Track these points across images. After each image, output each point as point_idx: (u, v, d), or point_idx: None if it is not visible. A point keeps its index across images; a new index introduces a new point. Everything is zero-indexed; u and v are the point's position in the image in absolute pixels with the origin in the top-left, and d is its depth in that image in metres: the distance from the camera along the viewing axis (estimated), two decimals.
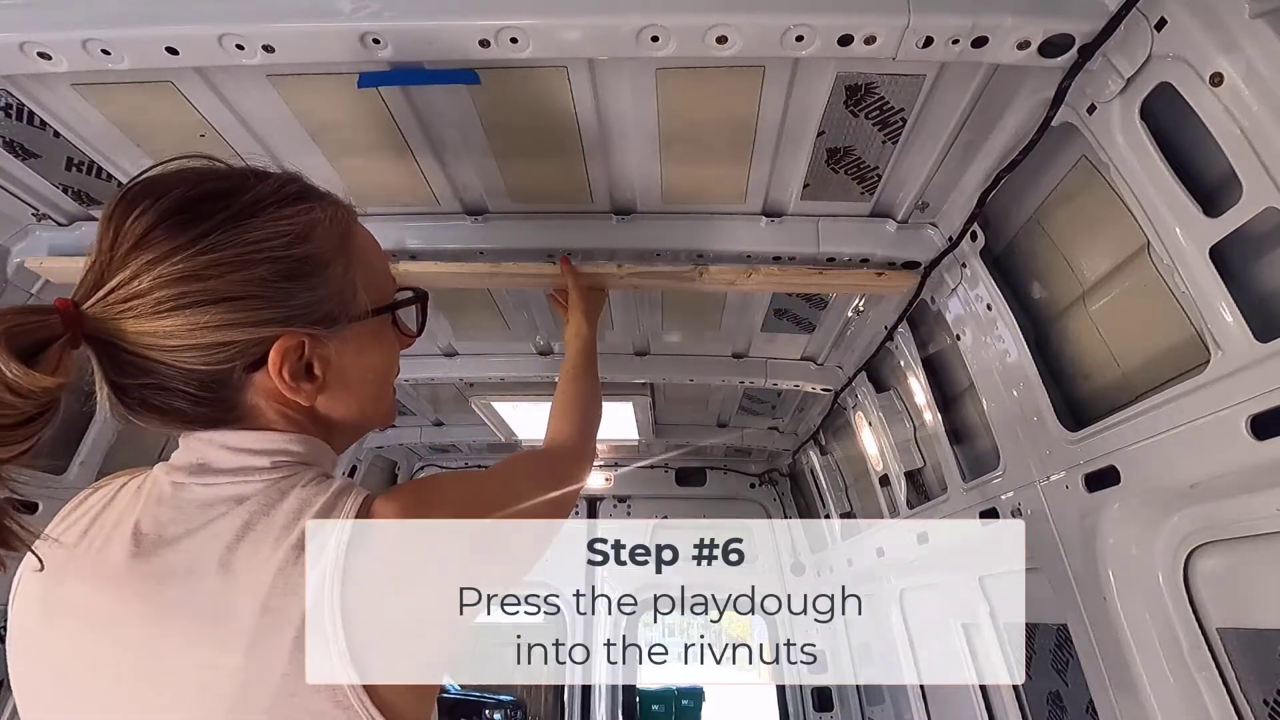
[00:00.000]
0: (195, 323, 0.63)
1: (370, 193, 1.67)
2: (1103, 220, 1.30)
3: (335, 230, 0.75)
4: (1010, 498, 1.69)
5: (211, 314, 0.64)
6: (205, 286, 0.63)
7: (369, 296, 0.78)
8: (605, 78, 1.29)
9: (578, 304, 1.61)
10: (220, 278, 0.64)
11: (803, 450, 3.55)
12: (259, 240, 0.66)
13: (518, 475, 0.93)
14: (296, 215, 0.71)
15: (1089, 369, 1.49)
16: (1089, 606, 1.42)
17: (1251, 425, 0.98)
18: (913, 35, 1.07)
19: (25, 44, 1.11)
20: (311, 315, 0.70)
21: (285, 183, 0.73)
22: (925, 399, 2.12)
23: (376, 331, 0.80)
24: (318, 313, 0.71)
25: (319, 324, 0.71)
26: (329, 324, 0.72)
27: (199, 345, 0.64)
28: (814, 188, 1.61)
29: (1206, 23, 0.94)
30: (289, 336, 0.68)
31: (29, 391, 0.56)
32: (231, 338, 0.65)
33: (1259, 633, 1.16)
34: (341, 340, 0.74)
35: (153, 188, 0.66)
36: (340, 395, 0.75)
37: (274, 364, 0.68)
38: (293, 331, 0.69)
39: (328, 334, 0.72)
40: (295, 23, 1.11)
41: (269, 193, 0.70)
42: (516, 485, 0.87)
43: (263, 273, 0.66)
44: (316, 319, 0.71)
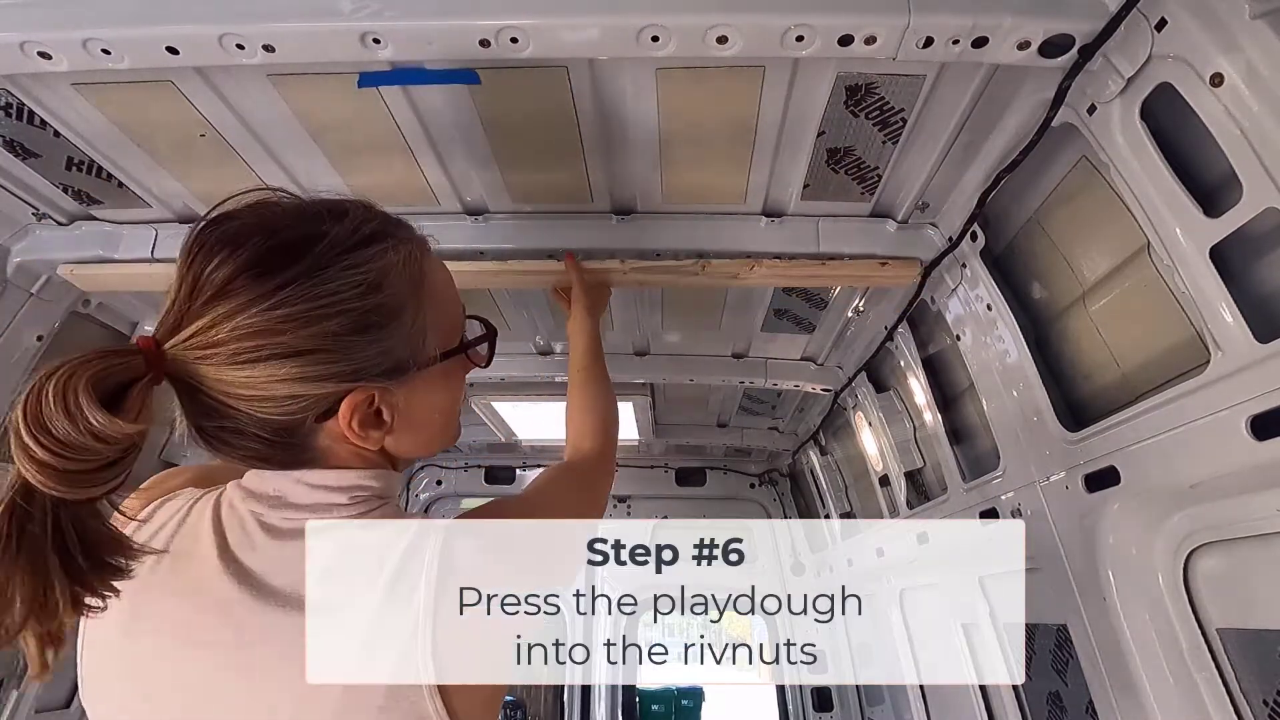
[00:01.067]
0: (269, 375, 0.65)
1: (370, 193, 1.65)
2: (1103, 220, 1.30)
3: (408, 273, 0.75)
4: (1010, 498, 1.69)
5: (285, 368, 0.65)
6: (279, 341, 0.64)
7: (439, 338, 0.78)
8: (605, 78, 1.29)
9: (581, 298, 1.61)
10: (293, 333, 0.65)
11: (803, 450, 3.55)
12: (333, 293, 0.67)
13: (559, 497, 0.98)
14: (371, 261, 0.71)
15: (1089, 369, 1.48)
16: (1089, 606, 1.42)
17: (1251, 425, 0.98)
18: (913, 35, 1.07)
19: (25, 44, 1.11)
20: (381, 366, 0.71)
21: (360, 223, 0.73)
22: (925, 399, 2.12)
23: (445, 371, 0.80)
24: (387, 363, 0.72)
25: (388, 375, 0.72)
26: (399, 374, 0.73)
27: (272, 397, 0.66)
28: (814, 188, 1.61)
29: (1207, 23, 0.94)
30: (360, 391, 0.70)
31: (112, 438, 0.57)
32: (303, 391, 0.67)
33: (1259, 633, 1.16)
34: (410, 388, 0.75)
35: (231, 237, 0.66)
36: (408, 434, 0.77)
37: (344, 417, 0.70)
38: (363, 386, 0.70)
39: (397, 384, 0.73)
40: (295, 23, 1.11)
41: (344, 237, 0.70)
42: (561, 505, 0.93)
43: (333, 327, 0.67)
44: (386, 369, 0.72)
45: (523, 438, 3.58)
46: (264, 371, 0.64)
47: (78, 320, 1.98)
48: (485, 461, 4.22)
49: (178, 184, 1.63)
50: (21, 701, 2.04)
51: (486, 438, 3.48)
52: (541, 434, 3.53)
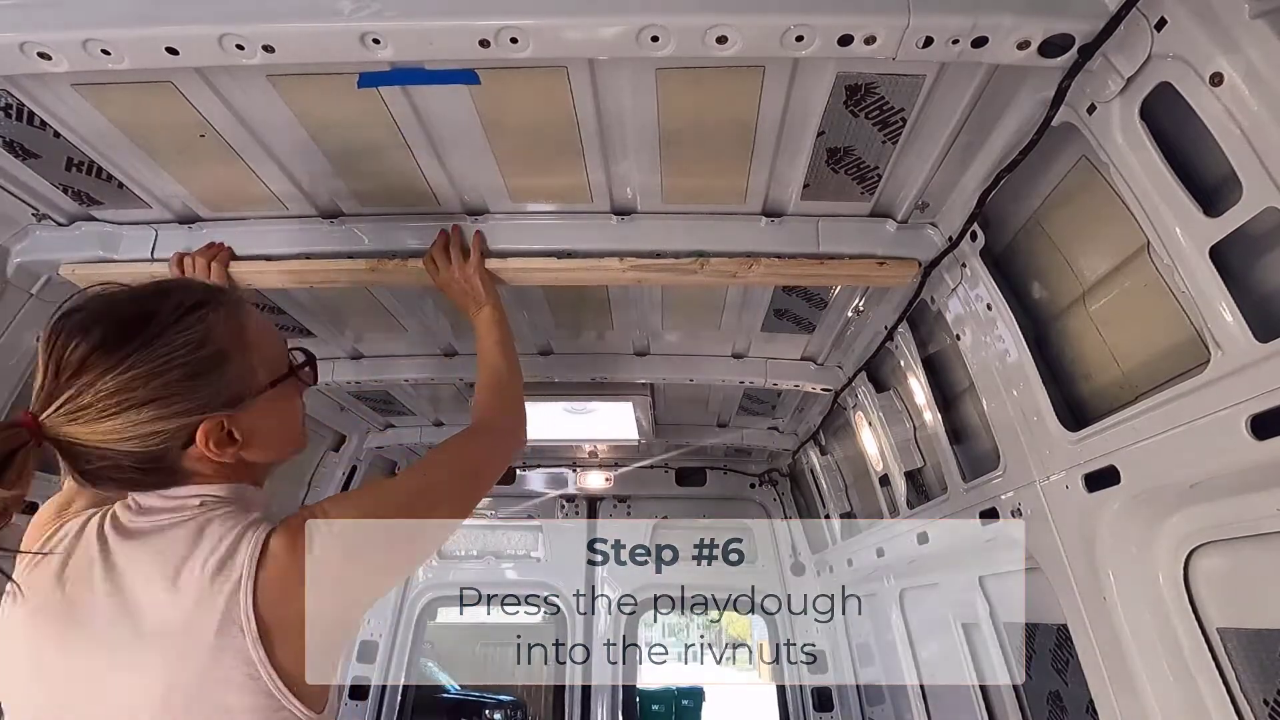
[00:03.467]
0: (131, 420, 0.84)
1: (370, 193, 1.67)
2: (1103, 220, 1.30)
3: (228, 327, 0.94)
4: (1010, 498, 1.69)
5: (142, 413, 0.85)
6: (134, 395, 0.84)
7: (265, 371, 0.98)
8: (605, 78, 1.29)
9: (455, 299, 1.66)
10: (143, 387, 0.84)
11: (803, 450, 3.55)
12: (169, 352, 0.87)
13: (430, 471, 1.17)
14: (196, 324, 0.90)
15: (1089, 369, 1.48)
16: (1089, 606, 1.42)
17: (1251, 425, 0.98)
18: (913, 35, 1.07)
19: (25, 44, 1.11)
20: (221, 399, 0.91)
21: (183, 297, 0.92)
22: (925, 399, 2.12)
23: (278, 394, 1.00)
24: (226, 395, 0.92)
25: (230, 404, 0.92)
26: (237, 403, 0.93)
27: (137, 436, 0.85)
28: (814, 188, 1.61)
29: (1206, 23, 0.94)
30: (209, 420, 0.90)
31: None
32: (160, 428, 0.86)
33: (1259, 633, 1.16)
34: (250, 411, 0.95)
35: (80, 324, 0.85)
36: (257, 447, 0.97)
37: (200, 442, 0.90)
38: (211, 416, 0.90)
39: (239, 410, 0.93)
40: (295, 23, 1.11)
41: (170, 309, 0.90)
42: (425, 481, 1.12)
43: (175, 376, 0.86)
44: (226, 401, 0.92)
45: None
46: (126, 419, 0.84)
47: None
48: None
49: (178, 184, 1.63)
50: None
51: None
52: (541, 434, 3.52)
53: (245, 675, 0.83)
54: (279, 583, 0.86)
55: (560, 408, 3.04)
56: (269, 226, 1.76)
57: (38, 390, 0.85)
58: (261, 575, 0.85)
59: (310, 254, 1.76)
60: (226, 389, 0.92)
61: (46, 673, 0.88)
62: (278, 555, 0.87)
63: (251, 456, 0.97)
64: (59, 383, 0.84)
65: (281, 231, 1.76)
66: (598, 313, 2.31)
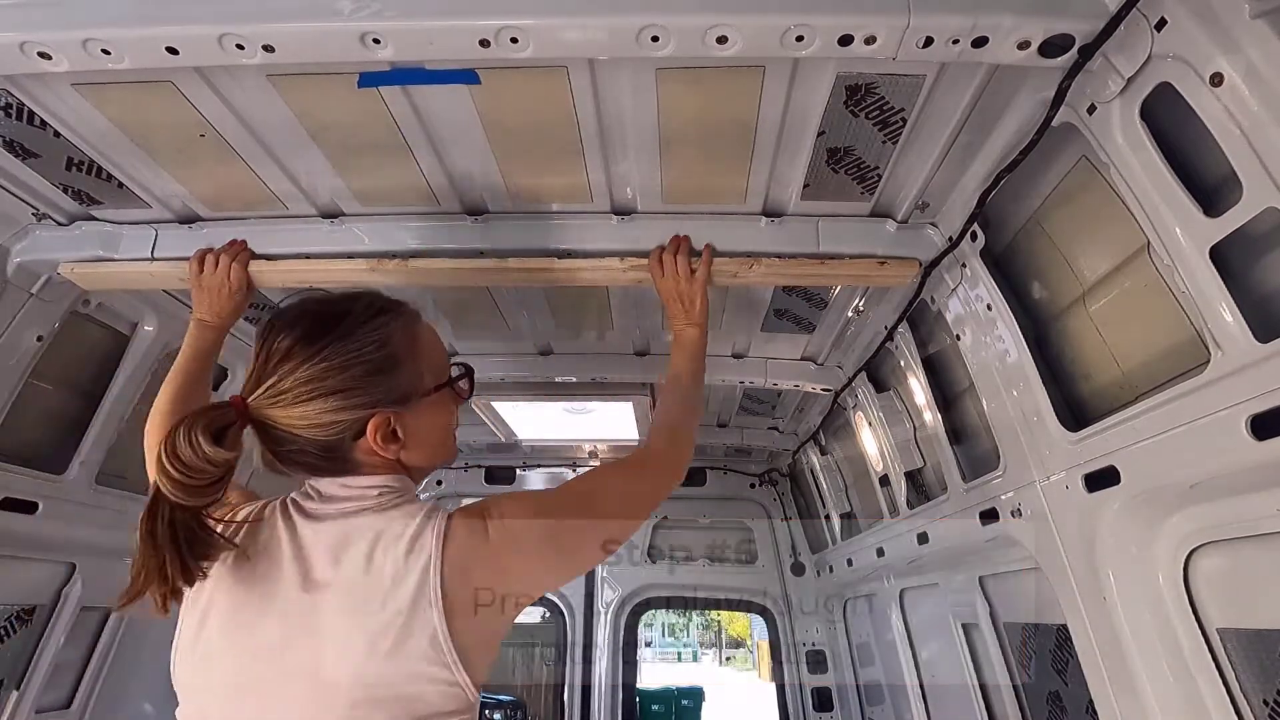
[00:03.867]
0: (319, 408, 0.97)
1: (370, 193, 1.67)
2: (1103, 220, 1.30)
3: (405, 335, 1.07)
4: (1010, 498, 1.69)
5: (329, 402, 0.97)
6: (324, 384, 0.97)
7: (431, 377, 1.09)
8: (605, 78, 1.29)
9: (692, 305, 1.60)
10: (334, 377, 0.97)
11: (803, 450, 3.55)
12: (357, 348, 1.00)
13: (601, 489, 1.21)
14: (380, 326, 1.04)
15: (1089, 369, 1.49)
16: (1089, 606, 1.42)
17: (1251, 425, 0.98)
18: (913, 35, 1.07)
19: (25, 44, 1.12)
20: (391, 396, 1.02)
21: (370, 304, 1.07)
22: (925, 399, 2.12)
23: (438, 401, 1.11)
24: (395, 394, 1.03)
25: (398, 403, 1.03)
26: (405, 402, 1.04)
27: (321, 424, 0.98)
28: (814, 188, 1.61)
29: (1206, 23, 0.94)
30: (380, 415, 1.01)
31: (220, 461, 0.91)
32: (341, 418, 0.98)
33: (1259, 633, 1.16)
34: (414, 413, 1.05)
35: (290, 321, 1.01)
36: (416, 449, 1.06)
37: (370, 435, 1.00)
38: (381, 411, 1.01)
39: (405, 410, 1.04)
40: (295, 23, 1.11)
41: (360, 312, 1.04)
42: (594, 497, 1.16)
43: (358, 371, 0.99)
44: (396, 399, 1.03)
45: (522, 438, 3.57)
46: (316, 405, 0.97)
47: (77, 320, 1.98)
48: (485, 462, 4.22)
49: (178, 184, 1.63)
50: (21, 701, 2.04)
51: (486, 438, 3.48)
52: (541, 434, 3.53)
53: (429, 645, 0.91)
54: (459, 561, 0.95)
55: (560, 408, 3.05)
56: (269, 226, 1.76)
57: (249, 375, 1.00)
58: (447, 552, 0.94)
59: (310, 254, 1.76)
60: (397, 388, 1.03)
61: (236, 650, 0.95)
62: (458, 536, 0.97)
63: (409, 459, 1.07)
64: (266, 369, 0.98)
65: (281, 231, 1.76)
66: (598, 313, 2.31)
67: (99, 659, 2.34)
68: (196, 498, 0.90)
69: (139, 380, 2.17)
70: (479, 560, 0.97)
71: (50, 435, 2.01)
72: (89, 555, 2.18)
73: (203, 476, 0.89)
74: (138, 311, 2.12)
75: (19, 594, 2.04)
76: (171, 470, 0.88)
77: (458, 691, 0.93)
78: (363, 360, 1.00)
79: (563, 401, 2.95)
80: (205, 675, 0.98)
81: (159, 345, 2.17)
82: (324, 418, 0.97)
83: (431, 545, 0.95)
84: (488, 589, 0.98)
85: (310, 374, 0.96)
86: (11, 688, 2.03)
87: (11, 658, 2.03)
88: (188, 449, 0.89)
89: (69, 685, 2.28)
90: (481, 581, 0.97)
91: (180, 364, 1.49)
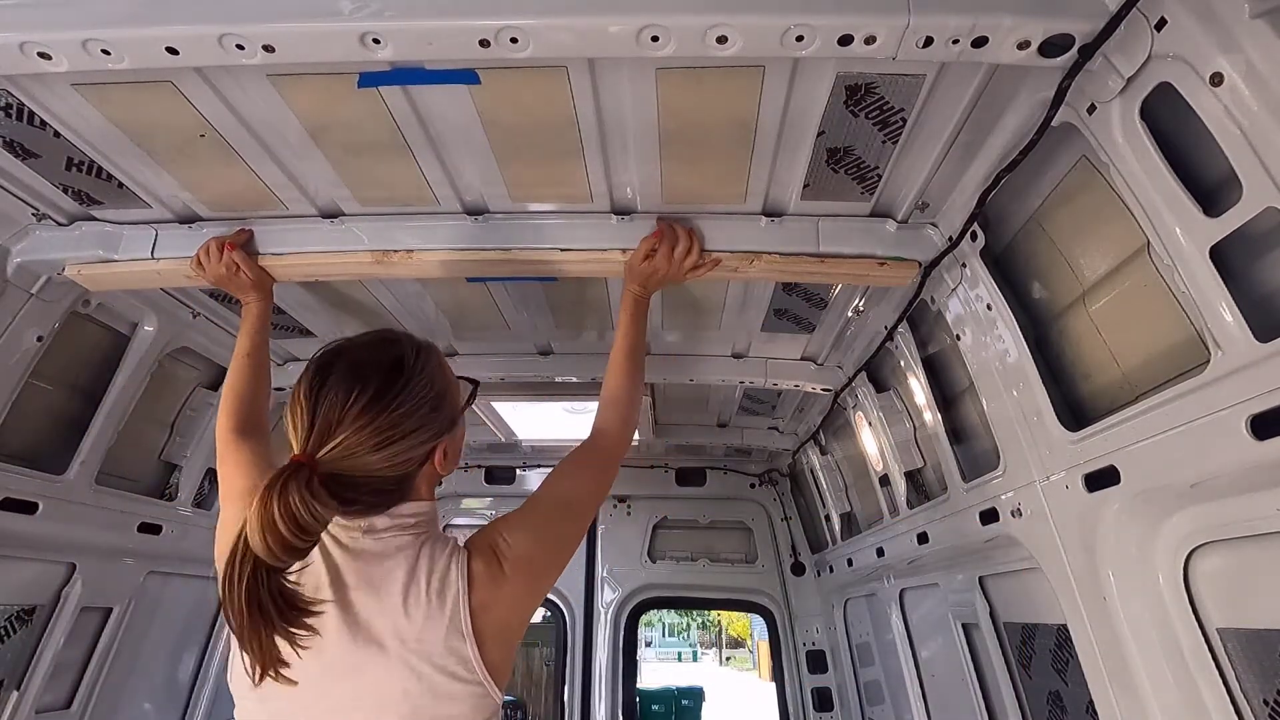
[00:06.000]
0: (396, 450, 1.05)
1: (370, 193, 1.67)
2: (1103, 220, 1.30)
3: (442, 367, 1.19)
4: (1010, 498, 1.69)
5: (406, 442, 1.06)
6: (395, 431, 1.04)
7: (459, 398, 1.24)
8: (605, 78, 1.29)
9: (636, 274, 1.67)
10: (407, 420, 1.06)
11: (803, 450, 3.55)
12: (421, 392, 1.10)
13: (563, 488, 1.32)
14: (429, 369, 1.14)
15: (1089, 369, 1.48)
16: (1089, 606, 1.42)
17: (1251, 425, 0.98)
18: (913, 35, 1.07)
19: (25, 44, 1.12)
20: (446, 424, 1.15)
21: (411, 343, 1.17)
22: (925, 399, 2.12)
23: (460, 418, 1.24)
24: (448, 421, 1.16)
25: (449, 429, 1.16)
26: (452, 427, 1.17)
27: (399, 462, 1.06)
28: (814, 188, 1.61)
29: (1206, 23, 0.94)
30: (440, 442, 1.13)
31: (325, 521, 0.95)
32: (415, 454, 1.09)
33: (1259, 633, 1.16)
34: (452, 433, 1.18)
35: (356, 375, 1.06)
36: (448, 461, 1.18)
37: (438, 460, 1.14)
38: (441, 439, 1.13)
39: (452, 432, 1.17)
40: (295, 23, 1.11)
41: (411, 356, 1.13)
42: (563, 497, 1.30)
43: (424, 410, 1.09)
44: (448, 426, 1.16)
45: (522, 438, 3.58)
46: (396, 448, 1.04)
47: (77, 320, 1.98)
48: (485, 461, 4.22)
49: (178, 184, 1.63)
50: (21, 701, 2.04)
51: (486, 438, 3.48)
52: (541, 434, 3.53)
53: (464, 670, 1.05)
54: (482, 598, 1.08)
55: (560, 408, 3.05)
56: (269, 226, 1.76)
57: (306, 431, 1.02)
58: (474, 592, 1.08)
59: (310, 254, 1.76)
60: (448, 416, 1.16)
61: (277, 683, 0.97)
62: (479, 576, 1.10)
63: (444, 471, 1.18)
64: (334, 424, 1.02)
65: (282, 231, 1.76)
66: (598, 313, 2.31)
67: (99, 659, 2.34)
68: (295, 558, 0.92)
69: (139, 380, 2.17)
70: (502, 598, 1.10)
71: (50, 435, 2.01)
72: (89, 555, 2.18)
73: (312, 537, 0.93)
74: (137, 311, 2.12)
75: (19, 594, 2.04)
76: (285, 532, 0.89)
77: (489, 701, 1.08)
78: (426, 400, 1.10)
79: (563, 401, 2.95)
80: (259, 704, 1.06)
81: (159, 345, 2.18)
82: (399, 457, 1.05)
83: (458, 585, 1.08)
84: (510, 615, 1.12)
85: (386, 423, 1.04)
86: (11, 688, 2.03)
87: (11, 658, 2.03)
88: (304, 511, 0.90)
89: (69, 685, 2.28)
90: (505, 612, 1.11)
91: (240, 342, 1.64)
